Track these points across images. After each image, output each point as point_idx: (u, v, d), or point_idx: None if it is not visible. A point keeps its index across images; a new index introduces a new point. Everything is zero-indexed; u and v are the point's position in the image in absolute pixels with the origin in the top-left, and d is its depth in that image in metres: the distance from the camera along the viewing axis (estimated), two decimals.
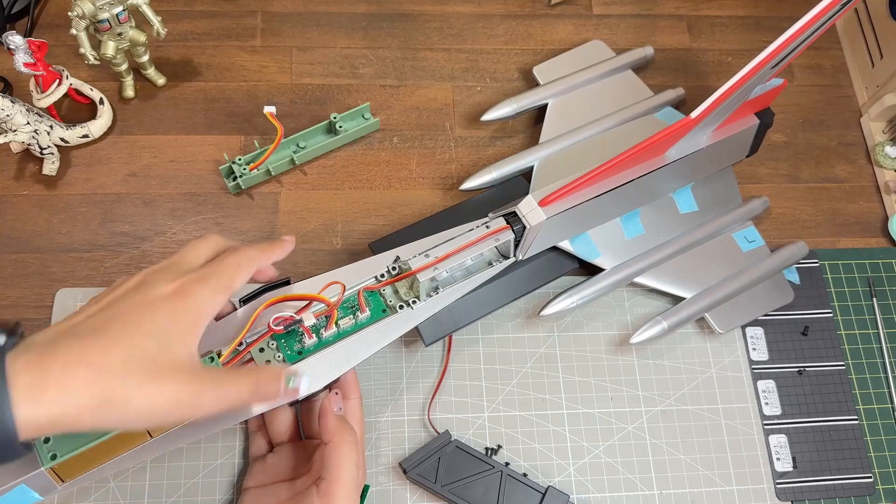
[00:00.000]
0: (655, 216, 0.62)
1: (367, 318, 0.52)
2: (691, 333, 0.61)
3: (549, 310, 0.58)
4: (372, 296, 0.53)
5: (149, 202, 0.63)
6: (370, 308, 0.52)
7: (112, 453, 0.44)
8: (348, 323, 0.51)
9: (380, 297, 0.53)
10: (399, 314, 0.52)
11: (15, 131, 0.59)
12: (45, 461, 0.42)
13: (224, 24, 0.71)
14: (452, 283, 0.54)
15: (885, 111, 0.69)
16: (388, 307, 0.53)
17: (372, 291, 0.53)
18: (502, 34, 0.73)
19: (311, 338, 0.49)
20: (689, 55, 0.73)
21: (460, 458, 0.54)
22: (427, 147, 0.67)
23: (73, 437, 0.43)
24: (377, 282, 0.53)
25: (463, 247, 0.54)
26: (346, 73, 0.70)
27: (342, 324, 0.51)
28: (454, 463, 0.54)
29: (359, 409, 0.51)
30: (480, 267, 0.56)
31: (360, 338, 0.51)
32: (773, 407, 0.59)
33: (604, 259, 0.59)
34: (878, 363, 0.62)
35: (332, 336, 0.51)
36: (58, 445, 0.42)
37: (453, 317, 0.56)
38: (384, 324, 0.52)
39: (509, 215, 0.56)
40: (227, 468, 0.54)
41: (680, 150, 0.59)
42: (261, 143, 0.64)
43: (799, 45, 0.52)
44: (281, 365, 0.48)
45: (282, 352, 0.50)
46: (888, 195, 0.68)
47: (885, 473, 0.58)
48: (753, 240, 0.63)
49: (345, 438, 0.47)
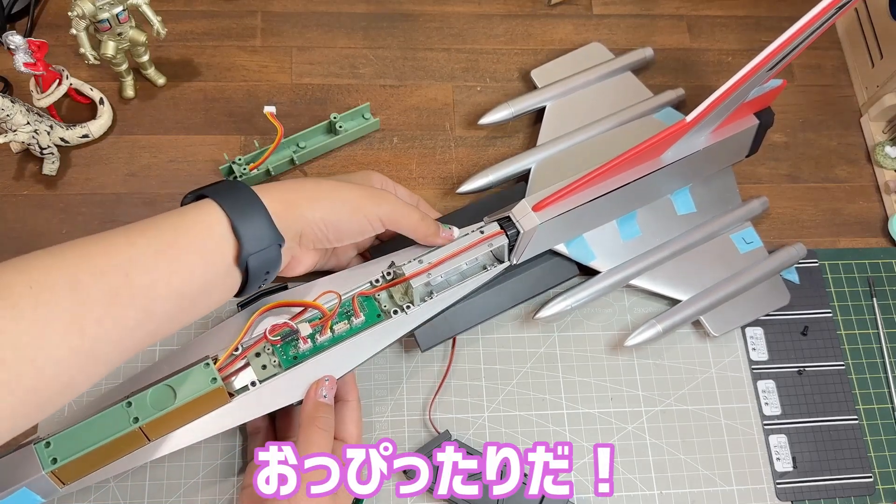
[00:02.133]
0: (652, 218, 0.62)
1: (362, 322, 0.52)
2: (691, 333, 0.61)
3: (544, 312, 0.58)
4: (367, 301, 0.53)
5: (149, 202, 0.63)
6: (365, 313, 0.52)
7: (111, 457, 0.45)
8: (343, 328, 0.51)
9: (374, 302, 0.53)
10: (393, 319, 0.52)
11: (15, 131, 0.59)
12: (45, 465, 0.43)
13: (224, 24, 0.71)
14: (447, 287, 0.55)
15: (885, 111, 0.69)
16: (382, 312, 0.53)
17: (367, 297, 0.53)
18: (502, 34, 0.73)
19: (307, 343, 0.50)
20: (689, 55, 0.73)
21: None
22: (427, 147, 0.67)
23: (73, 441, 0.43)
24: (372, 287, 0.53)
25: (456, 252, 0.54)
26: (346, 73, 0.70)
27: (337, 329, 0.51)
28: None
29: (356, 411, 0.51)
30: (475, 270, 0.56)
31: (355, 343, 0.51)
32: (773, 407, 0.59)
33: (599, 262, 0.59)
34: (878, 363, 0.62)
35: (327, 341, 0.51)
36: (58, 450, 0.43)
37: (450, 322, 0.56)
38: (379, 329, 0.52)
39: (503, 220, 0.55)
40: (227, 468, 0.54)
41: (677, 152, 0.59)
42: (261, 143, 0.64)
43: (795, 49, 0.52)
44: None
45: (277, 356, 0.50)
46: (888, 195, 0.68)
47: (885, 473, 0.58)
48: (751, 241, 0.63)
49: (315, 424, 0.47)
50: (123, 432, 0.44)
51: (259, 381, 0.49)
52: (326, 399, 0.49)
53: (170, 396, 0.45)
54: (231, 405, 0.48)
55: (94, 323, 0.38)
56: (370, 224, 0.50)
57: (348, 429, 0.50)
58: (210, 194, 0.44)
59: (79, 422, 0.44)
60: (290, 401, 0.49)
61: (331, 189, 0.48)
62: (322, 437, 0.47)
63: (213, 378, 0.46)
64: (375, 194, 0.50)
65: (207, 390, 0.46)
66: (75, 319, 0.37)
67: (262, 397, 0.49)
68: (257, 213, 0.44)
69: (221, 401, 0.47)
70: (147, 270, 0.40)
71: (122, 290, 0.39)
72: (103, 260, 0.39)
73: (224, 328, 0.51)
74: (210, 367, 0.46)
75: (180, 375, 0.46)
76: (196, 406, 0.46)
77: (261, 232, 0.44)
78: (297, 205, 0.46)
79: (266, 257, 0.44)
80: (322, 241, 0.49)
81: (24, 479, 0.42)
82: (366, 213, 0.49)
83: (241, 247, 0.43)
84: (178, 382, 0.45)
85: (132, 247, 0.40)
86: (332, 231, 0.48)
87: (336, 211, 0.48)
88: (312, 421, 0.47)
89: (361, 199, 0.49)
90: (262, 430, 0.53)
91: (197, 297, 0.43)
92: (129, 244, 0.40)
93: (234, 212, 0.43)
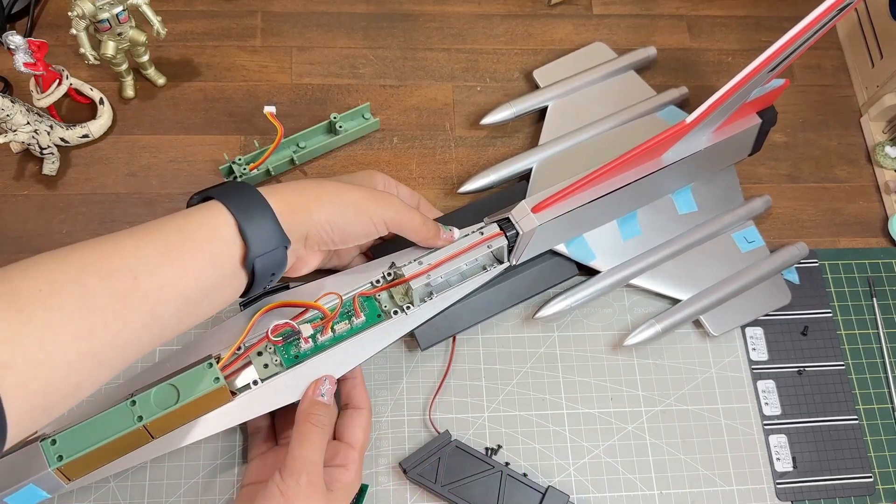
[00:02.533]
0: (653, 217, 0.62)
1: (363, 322, 0.52)
2: (691, 333, 0.61)
3: (544, 312, 0.58)
4: (367, 301, 0.53)
5: (149, 202, 0.63)
6: (365, 313, 0.53)
7: (116, 454, 0.46)
8: (344, 328, 0.52)
9: (375, 303, 0.54)
10: (394, 319, 0.53)
11: (15, 131, 0.59)
12: (52, 462, 0.43)
13: (224, 24, 0.71)
14: (447, 288, 0.55)
15: (885, 111, 0.69)
16: (382, 312, 0.53)
17: (367, 297, 0.53)
18: (502, 34, 0.73)
19: (308, 343, 0.50)
20: (690, 55, 0.73)
21: (460, 458, 0.54)
22: (427, 147, 0.67)
23: (79, 438, 0.44)
24: (372, 287, 0.54)
25: (456, 253, 0.54)
26: (346, 73, 0.70)
27: (338, 328, 0.52)
28: (454, 463, 0.54)
29: (367, 419, 0.51)
30: (475, 271, 0.56)
31: (356, 342, 0.52)
32: (772, 407, 0.59)
33: (599, 261, 0.59)
34: (878, 363, 0.62)
35: (328, 340, 0.51)
36: (64, 447, 0.44)
37: (450, 321, 0.56)
38: (379, 329, 0.52)
39: (503, 221, 0.56)
40: (227, 468, 0.55)
41: (678, 152, 0.59)
42: (261, 143, 0.64)
43: (796, 50, 0.52)
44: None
45: (279, 355, 0.50)
46: (888, 195, 0.68)
47: (885, 473, 0.58)
48: (753, 240, 0.62)
49: (309, 421, 0.47)
50: (128, 430, 0.44)
51: (261, 380, 0.49)
52: (325, 398, 0.49)
53: (173, 395, 0.45)
54: (233, 404, 0.48)
55: (102, 326, 0.38)
56: (374, 226, 0.50)
57: (356, 433, 0.50)
58: (217, 196, 0.44)
59: (83, 420, 0.44)
60: (292, 399, 0.49)
61: (336, 191, 0.48)
62: (316, 434, 0.47)
63: (216, 378, 0.46)
64: (379, 197, 0.50)
65: (210, 390, 0.46)
66: (84, 323, 0.37)
67: (263, 396, 0.49)
68: (264, 215, 0.44)
69: (224, 399, 0.48)
70: (154, 273, 0.40)
71: (129, 293, 0.39)
72: (110, 263, 0.39)
73: (224, 328, 0.51)
74: (213, 367, 0.46)
75: (184, 375, 0.46)
76: (199, 405, 0.46)
77: (267, 234, 0.44)
78: (303, 207, 0.46)
79: (272, 259, 0.44)
80: (327, 243, 0.49)
81: (31, 476, 0.43)
82: (370, 215, 0.49)
83: (247, 249, 0.43)
84: (181, 382, 0.46)
85: (138, 250, 0.40)
86: (338, 233, 0.48)
87: (341, 213, 0.48)
88: (307, 417, 0.47)
89: (365, 202, 0.49)
90: (262, 430, 0.54)
91: (203, 299, 0.43)
92: (135, 247, 0.40)
93: (241, 214, 0.43)
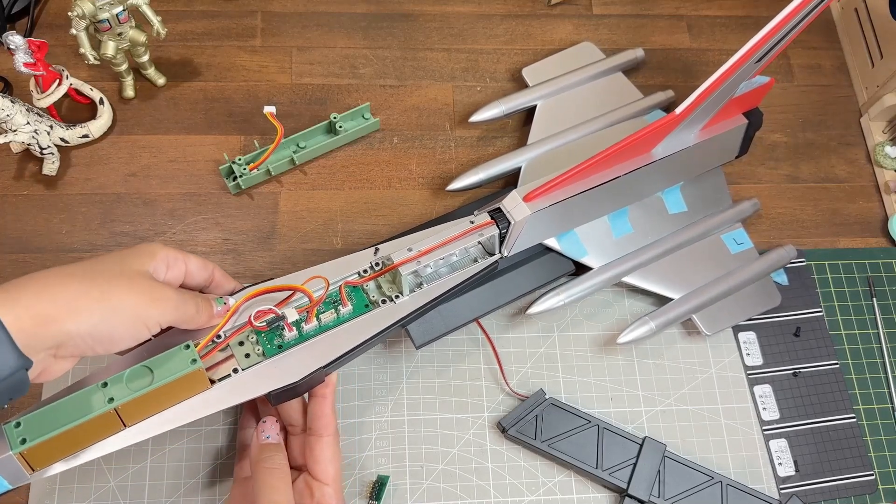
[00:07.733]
0: (644, 215, 0.62)
1: (350, 312, 0.51)
2: (691, 333, 0.61)
3: (535, 308, 0.58)
4: (355, 291, 0.52)
5: (149, 202, 0.63)
6: (352, 303, 0.51)
7: (85, 441, 0.43)
8: (330, 317, 0.50)
9: (362, 293, 0.52)
10: (382, 308, 0.51)
11: (15, 131, 0.59)
12: (14, 446, 0.40)
13: (224, 24, 0.71)
14: (437, 279, 0.54)
15: (885, 111, 0.69)
16: (371, 302, 0.52)
17: (354, 287, 0.52)
18: (502, 34, 0.73)
19: (292, 331, 0.49)
20: (689, 55, 0.73)
21: (557, 415, 0.56)
22: (427, 147, 0.67)
23: (45, 421, 0.41)
24: (360, 277, 0.53)
25: (446, 241, 0.53)
26: (346, 73, 0.70)
27: (324, 318, 0.50)
28: (551, 419, 0.56)
29: (332, 447, 0.49)
30: (465, 263, 0.55)
31: (342, 332, 0.50)
32: (771, 412, 0.59)
33: (591, 258, 0.59)
34: (877, 363, 0.62)
35: (314, 330, 0.50)
36: (28, 430, 0.41)
37: (445, 319, 0.56)
38: (366, 318, 0.51)
39: (494, 211, 0.55)
40: (228, 468, 0.55)
41: (667, 149, 0.59)
42: (261, 143, 0.64)
43: (782, 39, 0.52)
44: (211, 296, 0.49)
45: (261, 345, 0.48)
46: (888, 195, 0.68)
47: (885, 473, 0.58)
48: (742, 242, 0.63)
49: (261, 466, 0.47)
50: (97, 413, 0.42)
51: (241, 369, 0.47)
52: (270, 439, 0.48)
53: (147, 377, 0.43)
54: (211, 391, 0.46)
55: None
56: (149, 331, 0.44)
57: (325, 469, 0.48)
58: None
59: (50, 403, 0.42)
60: (273, 387, 0.47)
61: (101, 294, 0.41)
62: (275, 477, 0.46)
63: (192, 359, 0.44)
64: (157, 298, 0.44)
65: (187, 371, 0.44)
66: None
67: (243, 383, 0.47)
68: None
69: (202, 386, 0.46)
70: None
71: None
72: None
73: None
74: (191, 349, 0.44)
75: (159, 357, 0.44)
76: (175, 389, 0.44)
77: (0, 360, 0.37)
78: (54, 319, 0.39)
79: (7, 385, 0.38)
80: (85, 352, 0.42)
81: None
82: (145, 320, 0.43)
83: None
84: (156, 364, 0.44)
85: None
86: (102, 342, 0.42)
87: (107, 321, 0.41)
88: (260, 464, 0.47)
89: (140, 307, 0.43)
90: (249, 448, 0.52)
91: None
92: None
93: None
